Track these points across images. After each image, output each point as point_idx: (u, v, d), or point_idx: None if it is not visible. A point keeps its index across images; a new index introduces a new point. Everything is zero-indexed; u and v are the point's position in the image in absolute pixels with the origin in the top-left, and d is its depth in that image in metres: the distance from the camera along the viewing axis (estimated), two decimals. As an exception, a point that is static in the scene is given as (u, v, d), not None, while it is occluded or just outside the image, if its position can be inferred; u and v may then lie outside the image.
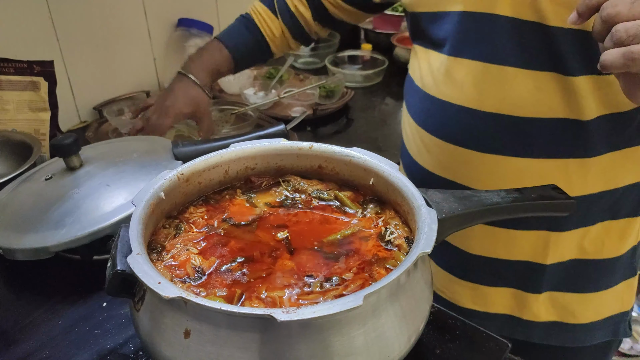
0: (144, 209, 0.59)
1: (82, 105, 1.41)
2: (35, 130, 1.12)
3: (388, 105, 1.59)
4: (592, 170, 0.83)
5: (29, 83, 1.10)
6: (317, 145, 0.71)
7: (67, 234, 0.74)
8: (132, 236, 0.54)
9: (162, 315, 0.52)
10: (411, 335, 0.54)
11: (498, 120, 0.82)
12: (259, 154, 0.71)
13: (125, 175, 0.81)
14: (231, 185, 0.72)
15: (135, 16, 1.44)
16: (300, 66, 1.80)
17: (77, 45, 1.33)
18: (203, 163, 0.68)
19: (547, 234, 0.88)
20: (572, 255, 0.91)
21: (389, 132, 1.45)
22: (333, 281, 0.56)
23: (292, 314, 0.44)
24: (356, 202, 0.69)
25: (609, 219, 0.89)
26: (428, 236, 0.54)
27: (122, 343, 0.69)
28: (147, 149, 0.89)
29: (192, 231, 0.64)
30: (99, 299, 0.76)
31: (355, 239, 0.63)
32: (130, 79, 1.49)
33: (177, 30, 1.54)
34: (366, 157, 0.68)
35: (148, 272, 0.49)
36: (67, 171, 0.82)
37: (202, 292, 0.55)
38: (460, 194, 0.64)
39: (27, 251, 0.74)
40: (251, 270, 0.58)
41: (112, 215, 0.75)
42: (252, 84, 1.56)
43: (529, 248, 0.90)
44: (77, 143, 0.81)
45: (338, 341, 0.49)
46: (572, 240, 0.89)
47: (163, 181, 0.63)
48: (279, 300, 0.54)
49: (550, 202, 0.65)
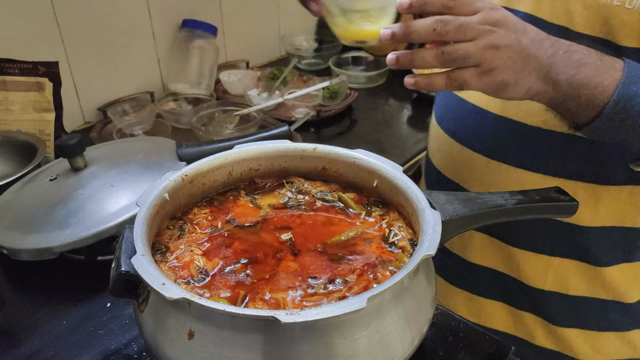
0: (148, 210, 0.59)
1: (87, 106, 1.41)
2: (40, 131, 1.12)
3: (391, 106, 1.59)
4: (605, 200, 0.78)
5: (34, 84, 1.10)
6: (321, 146, 0.71)
7: (71, 234, 0.74)
8: (136, 237, 0.54)
9: (166, 316, 0.52)
10: (414, 337, 0.54)
11: (505, 124, 0.80)
12: (263, 155, 0.72)
13: (130, 176, 0.81)
14: (235, 187, 0.72)
15: (139, 17, 1.44)
16: (304, 67, 1.80)
17: (82, 46, 1.33)
18: (207, 164, 0.68)
19: (547, 259, 0.85)
20: (581, 291, 0.86)
21: (393, 133, 1.45)
22: (337, 283, 0.56)
23: (295, 316, 0.44)
24: (360, 203, 0.69)
25: (623, 262, 0.83)
26: (432, 238, 0.53)
27: (126, 344, 0.69)
28: (151, 149, 0.89)
29: (196, 232, 0.64)
30: (102, 300, 0.76)
31: (359, 241, 0.63)
32: (135, 80, 1.49)
33: (182, 31, 1.54)
34: (370, 158, 0.68)
35: (152, 273, 0.49)
36: (71, 172, 0.83)
37: (205, 294, 0.55)
38: (464, 196, 0.64)
39: (32, 251, 0.74)
40: (255, 272, 0.58)
41: (117, 216, 0.75)
42: (256, 85, 1.56)
43: (528, 268, 0.87)
44: (81, 144, 0.82)
45: (341, 343, 0.49)
46: (577, 273, 0.85)
47: (167, 182, 0.63)
48: (283, 301, 0.54)
49: (553, 205, 0.65)
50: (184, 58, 1.52)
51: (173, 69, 1.55)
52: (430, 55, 0.62)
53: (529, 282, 0.88)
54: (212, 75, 1.56)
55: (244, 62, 1.73)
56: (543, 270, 0.86)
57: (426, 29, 0.61)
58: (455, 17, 0.60)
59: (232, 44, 1.72)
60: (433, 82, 0.64)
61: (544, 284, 0.87)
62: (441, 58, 0.62)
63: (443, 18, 0.60)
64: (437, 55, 0.62)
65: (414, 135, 1.44)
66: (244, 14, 1.73)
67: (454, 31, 0.60)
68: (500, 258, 0.90)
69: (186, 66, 1.52)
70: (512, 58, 0.62)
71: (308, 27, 1.96)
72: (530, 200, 0.64)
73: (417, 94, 1.60)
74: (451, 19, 0.60)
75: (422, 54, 0.63)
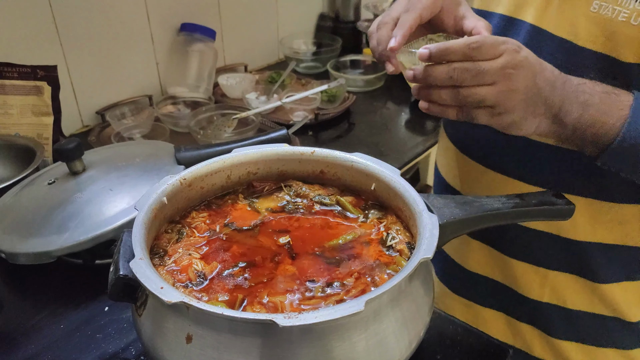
0: (146, 213, 0.59)
1: (85, 109, 1.41)
2: (39, 135, 1.12)
3: (390, 109, 1.60)
4: (605, 216, 0.77)
5: (32, 88, 1.11)
6: (319, 150, 0.71)
7: (69, 238, 0.74)
8: (135, 241, 0.54)
9: (164, 320, 0.52)
10: (412, 340, 0.54)
11: (509, 138, 0.76)
12: (261, 159, 0.72)
13: (128, 179, 0.81)
14: (233, 190, 0.72)
15: (138, 21, 1.45)
16: (302, 71, 1.80)
17: (80, 50, 1.33)
18: (205, 168, 0.69)
19: (545, 272, 0.85)
20: (578, 305, 0.85)
21: (391, 136, 1.46)
22: (334, 286, 0.56)
23: (293, 319, 0.45)
24: (358, 207, 0.69)
25: (625, 280, 0.82)
26: (429, 241, 0.54)
27: (124, 347, 0.69)
28: (149, 153, 0.89)
29: (194, 236, 0.64)
30: (101, 303, 0.76)
31: (357, 244, 0.63)
32: (133, 84, 1.50)
33: (180, 35, 1.54)
34: (368, 162, 0.69)
35: (150, 277, 0.49)
36: (70, 175, 0.83)
37: (204, 297, 0.55)
38: (461, 200, 0.64)
39: (30, 255, 0.74)
40: (253, 275, 0.58)
41: (115, 220, 0.75)
42: (254, 89, 1.56)
43: (525, 280, 0.87)
44: (79, 147, 0.82)
45: (339, 346, 0.49)
46: (575, 287, 0.84)
47: (166, 186, 0.64)
48: (281, 305, 0.54)
49: (550, 208, 0.65)
50: (183, 62, 1.52)
51: (171, 73, 1.55)
52: (446, 94, 0.63)
53: (527, 293, 0.88)
54: (211, 79, 1.56)
55: (243, 65, 1.74)
56: (540, 283, 0.86)
57: (442, 77, 0.62)
58: (474, 65, 0.60)
59: (230, 48, 1.72)
60: (445, 114, 0.65)
61: (542, 296, 0.86)
62: (456, 99, 0.62)
63: (460, 66, 0.60)
64: (453, 96, 0.62)
65: (412, 139, 1.44)
66: (243, 17, 1.73)
67: (471, 79, 0.61)
68: (499, 268, 0.89)
69: (185, 70, 1.52)
70: (526, 101, 0.62)
71: (306, 31, 1.96)
72: (527, 204, 0.64)
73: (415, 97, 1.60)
74: (469, 67, 0.60)
75: (439, 91, 0.63)
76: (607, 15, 0.68)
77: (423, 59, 0.62)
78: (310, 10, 1.98)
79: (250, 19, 1.76)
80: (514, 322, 0.92)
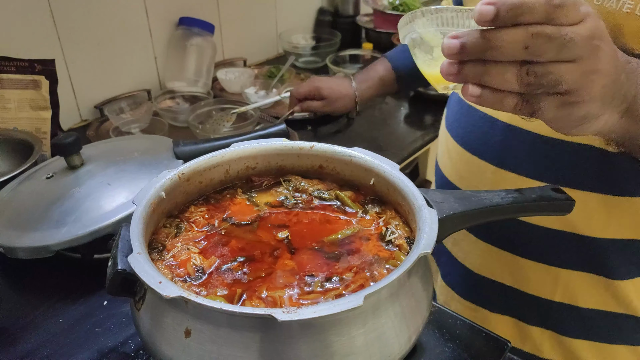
0: (144, 208, 0.59)
1: (83, 103, 1.41)
2: (37, 129, 1.12)
3: (388, 104, 1.59)
4: (618, 211, 0.75)
5: (30, 82, 1.10)
6: (318, 145, 0.71)
7: (68, 232, 0.74)
8: (133, 235, 0.54)
9: (163, 315, 0.52)
10: (411, 335, 0.54)
11: (514, 133, 0.77)
12: (259, 153, 0.71)
13: (126, 174, 0.81)
14: (232, 185, 0.72)
15: (136, 15, 1.44)
16: (301, 65, 1.80)
17: (78, 44, 1.33)
18: (204, 162, 0.68)
19: (557, 271, 0.82)
20: (592, 304, 0.83)
21: (390, 131, 1.46)
22: (333, 281, 0.56)
23: (292, 314, 0.45)
24: (357, 202, 0.69)
25: (639, 276, 0.80)
26: (429, 236, 0.54)
27: (123, 342, 0.69)
28: (148, 147, 0.89)
29: (192, 230, 0.64)
30: (99, 298, 0.76)
31: (356, 239, 0.63)
32: (132, 78, 1.49)
33: (179, 29, 1.54)
34: (367, 157, 0.68)
35: (149, 272, 0.49)
36: (68, 170, 0.82)
37: (202, 292, 0.55)
38: (461, 194, 0.64)
39: (28, 250, 0.74)
40: (252, 270, 0.58)
41: (113, 214, 0.75)
42: (253, 83, 1.56)
43: (536, 280, 0.85)
44: (78, 142, 0.82)
45: (338, 341, 0.49)
46: (589, 286, 0.82)
47: (164, 180, 0.63)
48: (280, 299, 0.54)
49: (549, 203, 0.65)
50: (181, 56, 1.52)
51: (170, 67, 1.55)
52: (511, 73, 0.45)
53: (537, 294, 0.86)
54: (209, 73, 1.56)
55: (241, 60, 1.73)
56: (552, 282, 0.83)
57: (515, 47, 0.43)
58: (558, 31, 0.43)
59: (229, 42, 1.72)
60: (502, 105, 0.48)
61: (553, 296, 0.84)
62: (525, 80, 0.45)
63: (541, 31, 0.43)
64: (520, 76, 0.45)
65: (411, 134, 1.44)
66: (242, 12, 1.73)
67: (556, 51, 0.44)
68: (508, 270, 0.88)
69: (183, 64, 1.52)
70: (607, 86, 0.48)
71: (305, 25, 1.96)
72: (527, 199, 0.64)
73: (414, 92, 1.60)
74: (553, 33, 0.43)
75: (500, 68, 0.45)
76: (611, 7, 0.65)
77: (485, 19, 0.43)
78: (309, 5, 1.97)
79: (249, 13, 1.75)
80: (522, 325, 0.90)
